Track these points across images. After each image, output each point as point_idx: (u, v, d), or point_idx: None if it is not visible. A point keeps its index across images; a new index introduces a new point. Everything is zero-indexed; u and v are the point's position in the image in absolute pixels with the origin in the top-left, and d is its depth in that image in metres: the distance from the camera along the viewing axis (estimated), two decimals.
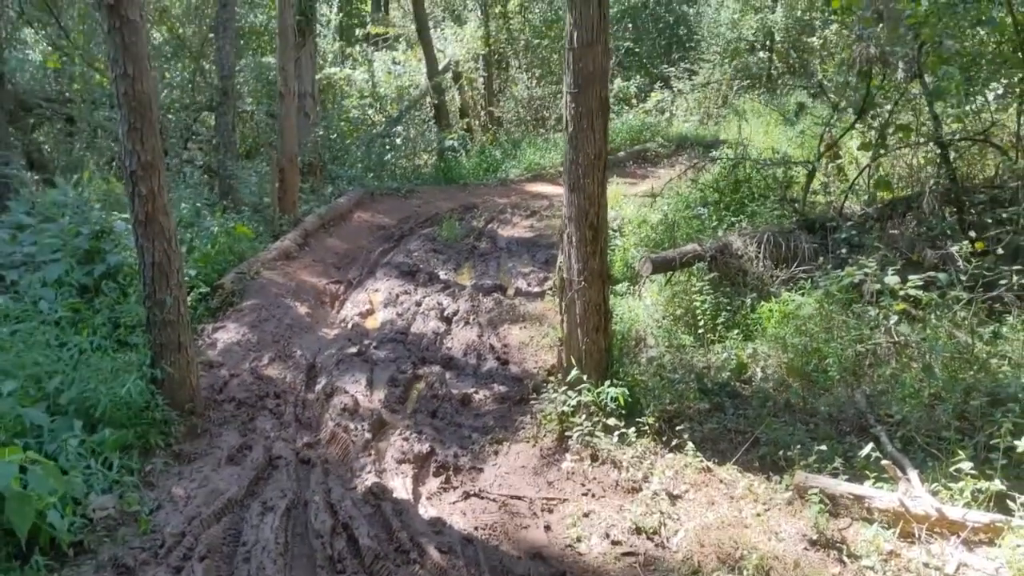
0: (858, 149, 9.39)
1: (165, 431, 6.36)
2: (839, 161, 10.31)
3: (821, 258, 7.91)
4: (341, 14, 24.79)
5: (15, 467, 4.67)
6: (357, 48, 23.99)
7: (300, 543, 5.18)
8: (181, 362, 6.57)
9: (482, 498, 5.85)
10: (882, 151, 9.01)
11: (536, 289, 10.30)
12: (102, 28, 6.10)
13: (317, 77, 18.13)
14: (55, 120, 16.63)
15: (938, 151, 8.71)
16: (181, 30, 18.08)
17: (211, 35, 15.86)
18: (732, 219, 9.56)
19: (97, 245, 7.98)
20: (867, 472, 5.27)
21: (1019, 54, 8.31)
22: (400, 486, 5.86)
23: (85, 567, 4.81)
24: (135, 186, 6.21)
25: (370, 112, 20.17)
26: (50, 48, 16.05)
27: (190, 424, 6.60)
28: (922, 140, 9.09)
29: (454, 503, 5.80)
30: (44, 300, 7.23)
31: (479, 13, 22.39)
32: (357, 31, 25.24)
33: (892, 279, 6.64)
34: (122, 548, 4.97)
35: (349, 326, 9.37)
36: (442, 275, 11.17)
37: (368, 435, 6.69)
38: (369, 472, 6.06)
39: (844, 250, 7.92)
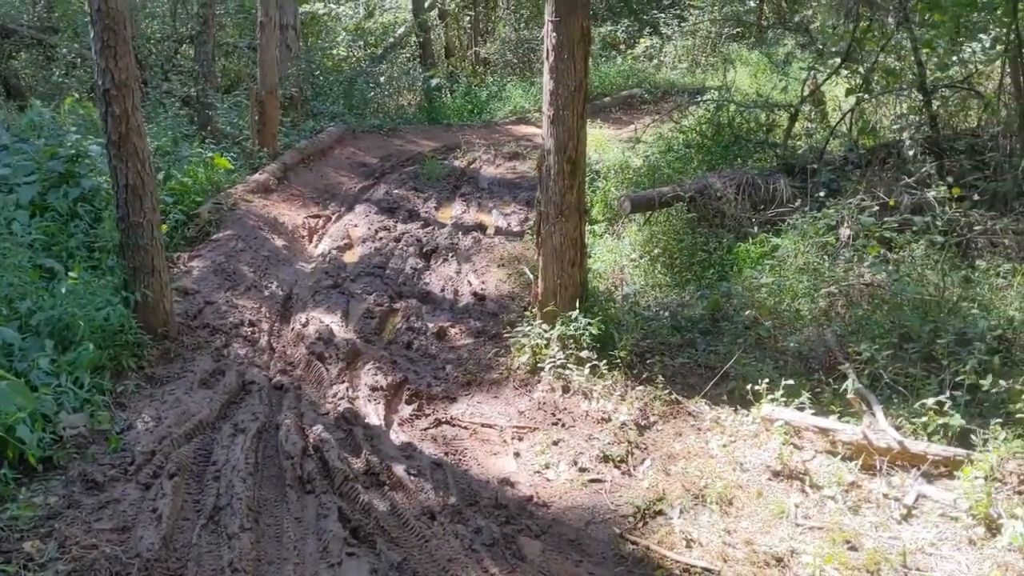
0: (845, 95, 9.34)
1: (138, 354, 6.36)
2: (822, 106, 10.27)
3: (799, 201, 7.92)
4: None
5: None
6: None
7: (270, 464, 5.21)
8: (155, 286, 6.55)
9: (453, 425, 5.91)
10: (866, 96, 8.98)
11: (516, 228, 10.30)
12: None
13: (301, 10, 17.79)
14: (34, 47, 16.30)
15: (922, 98, 8.69)
16: None
17: None
18: (713, 162, 9.54)
19: (72, 168, 7.86)
20: (833, 407, 5.35)
21: (1010, 4, 8.24)
22: (372, 412, 5.90)
23: (54, 482, 4.82)
24: (108, 106, 6.12)
25: (354, 49, 19.86)
26: None
27: (163, 348, 6.59)
28: (906, 87, 9.06)
29: (425, 430, 5.84)
30: (18, 222, 7.14)
31: None
32: None
33: (868, 220, 6.66)
34: (92, 464, 4.98)
35: (327, 260, 9.34)
36: (422, 212, 11.13)
37: (342, 363, 6.70)
38: (342, 399, 6.08)
39: (823, 193, 7.92)
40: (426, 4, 21.33)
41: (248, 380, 6.30)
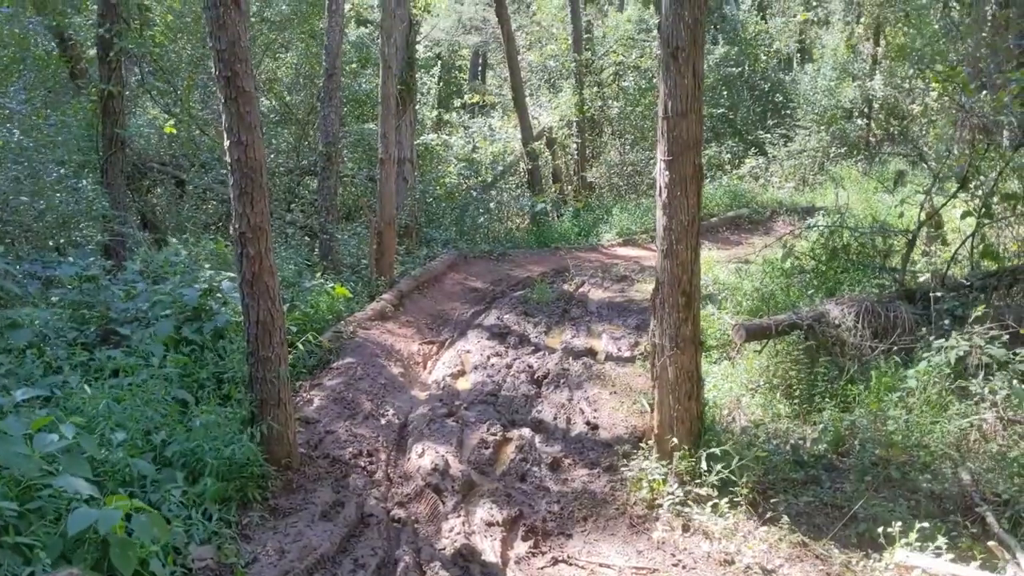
0: (961, 218, 9.14)
1: (262, 485, 6.53)
2: (940, 231, 10.04)
3: (923, 329, 7.68)
4: (441, 83, 25.60)
5: (120, 513, 4.86)
6: (454, 115, 24.68)
7: None
8: (280, 418, 6.77)
9: (570, 565, 5.81)
10: (986, 220, 8.75)
11: (627, 354, 10.27)
12: (219, 98, 6.47)
13: (416, 143, 18.69)
14: (167, 183, 17.57)
15: None
16: (288, 98, 18.98)
17: (317, 104, 16.59)
18: (829, 287, 9.38)
19: (205, 303, 8.34)
20: (973, 553, 5.05)
21: None
22: (488, 549, 5.86)
23: None
24: (243, 247, 6.50)
25: (465, 177, 20.64)
26: (165, 115, 17.01)
27: (286, 479, 6.77)
28: None
29: (542, 568, 5.77)
30: (154, 355, 7.57)
31: (574, 81, 22.79)
32: (455, 99, 26.00)
33: (999, 352, 6.40)
34: None
35: (441, 387, 9.50)
36: (533, 337, 11.24)
37: (458, 496, 6.73)
38: (458, 533, 6.08)
39: (947, 321, 7.67)
40: (534, 133, 22.10)
41: (367, 512, 6.38)
